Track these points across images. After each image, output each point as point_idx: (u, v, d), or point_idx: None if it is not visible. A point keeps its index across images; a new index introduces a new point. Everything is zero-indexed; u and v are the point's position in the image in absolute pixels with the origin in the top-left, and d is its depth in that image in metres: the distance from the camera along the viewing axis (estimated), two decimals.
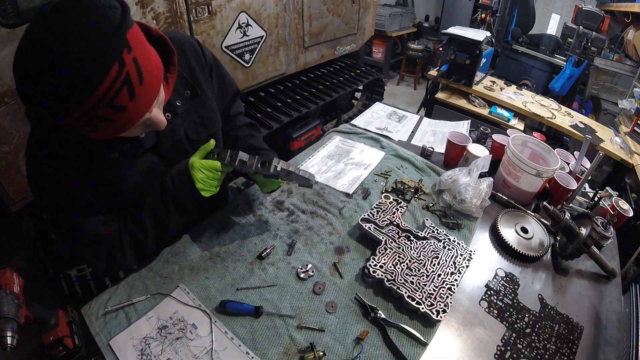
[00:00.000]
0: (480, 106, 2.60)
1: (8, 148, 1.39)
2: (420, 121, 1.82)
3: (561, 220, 1.05)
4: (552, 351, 0.83)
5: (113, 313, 0.83)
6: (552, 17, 5.13)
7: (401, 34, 5.06)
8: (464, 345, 0.83)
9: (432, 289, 0.88)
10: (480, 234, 1.14)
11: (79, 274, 1.61)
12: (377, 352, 0.78)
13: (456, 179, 1.20)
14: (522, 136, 1.36)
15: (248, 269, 0.94)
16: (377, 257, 0.94)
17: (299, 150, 1.40)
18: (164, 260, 0.96)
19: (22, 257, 2.08)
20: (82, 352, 0.76)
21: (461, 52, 2.54)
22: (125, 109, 0.59)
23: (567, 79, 3.79)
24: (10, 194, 1.46)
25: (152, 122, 0.69)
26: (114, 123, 0.60)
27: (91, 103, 0.54)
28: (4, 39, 1.24)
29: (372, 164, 1.39)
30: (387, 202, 1.13)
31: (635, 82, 3.14)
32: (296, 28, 2.47)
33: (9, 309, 0.64)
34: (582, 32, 3.69)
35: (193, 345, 0.77)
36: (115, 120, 0.60)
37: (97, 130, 0.61)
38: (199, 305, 0.85)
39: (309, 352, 0.75)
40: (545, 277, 1.03)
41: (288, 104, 2.53)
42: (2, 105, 1.31)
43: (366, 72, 3.35)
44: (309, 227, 1.09)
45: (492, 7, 4.66)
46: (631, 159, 2.16)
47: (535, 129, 3.10)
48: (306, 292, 0.90)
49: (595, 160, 1.17)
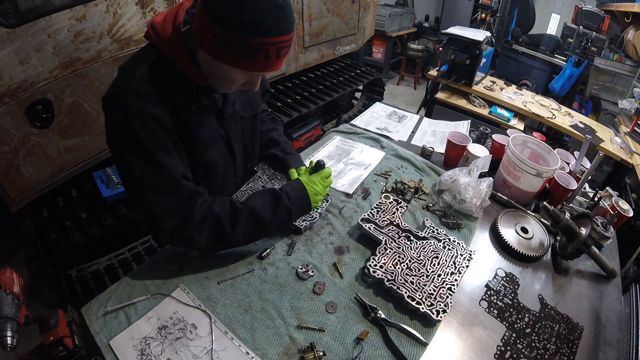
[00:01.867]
0: (480, 106, 2.60)
1: (8, 148, 1.39)
2: (420, 121, 1.82)
3: (561, 220, 1.05)
4: (552, 351, 0.83)
5: (113, 313, 0.83)
6: (552, 17, 5.13)
7: (401, 34, 5.06)
8: (464, 345, 0.83)
9: (432, 289, 0.88)
10: (480, 234, 1.14)
11: (79, 274, 1.61)
12: (377, 352, 0.78)
13: (456, 179, 1.20)
14: (522, 136, 1.36)
15: (248, 268, 0.94)
16: (377, 257, 0.94)
17: (299, 150, 1.40)
18: (164, 260, 0.96)
19: (22, 257, 2.08)
20: (82, 352, 0.75)
21: (461, 52, 2.54)
22: (277, 60, 0.75)
23: (567, 79, 3.79)
24: (10, 194, 1.46)
25: (257, 81, 0.85)
26: (262, 63, 0.74)
27: (279, 40, 0.71)
28: (4, 39, 1.24)
29: (372, 164, 1.39)
30: (387, 202, 1.13)
31: (635, 82, 3.14)
32: (296, 28, 2.47)
33: (9, 309, 0.63)
34: (582, 32, 3.68)
35: (193, 345, 0.77)
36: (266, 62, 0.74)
37: (248, 61, 0.73)
38: (199, 305, 0.85)
39: (309, 352, 0.75)
40: (545, 277, 1.03)
41: (288, 104, 2.53)
42: (2, 105, 1.31)
43: (366, 72, 3.35)
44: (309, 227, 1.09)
45: (492, 7, 4.65)
46: (631, 159, 2.16)
47: (535, 129, 3.10)
48: (306, 292, 0.90)
49: (595, 160, 1.17)
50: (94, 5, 1.43)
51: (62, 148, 1.56)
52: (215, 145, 0.96)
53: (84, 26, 1.43)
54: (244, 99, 1.06)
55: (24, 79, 1.34)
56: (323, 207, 1.11)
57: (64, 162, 1.59)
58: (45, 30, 1.33)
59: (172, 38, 0.78)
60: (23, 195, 1.51)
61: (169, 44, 0.79)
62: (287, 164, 1.17)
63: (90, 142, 1.64)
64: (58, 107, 1.48)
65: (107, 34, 1.51)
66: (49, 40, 1.36)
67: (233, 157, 1.05)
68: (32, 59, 1.33)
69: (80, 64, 1.48)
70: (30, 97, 1.38)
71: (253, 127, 1.12)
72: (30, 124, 1.42)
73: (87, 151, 1.65)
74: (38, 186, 1.55)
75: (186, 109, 0.85)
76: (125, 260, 1.70)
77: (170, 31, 0.78)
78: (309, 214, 1.07)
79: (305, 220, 1.06)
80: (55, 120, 1.49)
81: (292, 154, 1.23)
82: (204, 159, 0.94)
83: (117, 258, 1.69)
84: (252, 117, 1.10)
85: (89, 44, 1.47)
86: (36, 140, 1.46)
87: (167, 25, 0.78)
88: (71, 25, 1.39)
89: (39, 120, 1.43)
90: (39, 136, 1.46)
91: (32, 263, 2.02)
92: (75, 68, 1.47)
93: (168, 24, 0.78)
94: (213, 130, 0.95)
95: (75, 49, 1.44)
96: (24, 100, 1.37)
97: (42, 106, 1.42)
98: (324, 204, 1.12)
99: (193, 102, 0.86)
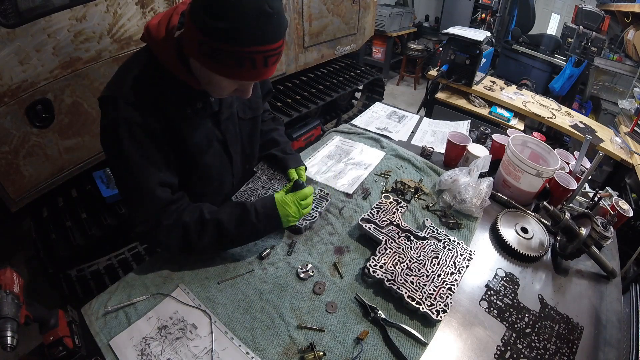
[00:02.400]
0: (480, 106, 2.60)
1: (8, 148, 1.39)
2: (420, 121, 1.82)
3: (561, 220, 1.05)
4: (552, 351, 0.83)
5: (113, 313, 0.83)
6: (552, 17, 5.12)
7: (401, 34, 5.06)
8: (464, 345, 0.83)
9: (432, 289, 0.88)
10: (480, 234, 1.14)
11: (79, 274, 1.61)
12: (377, 352, 0.78)
13: (456, 179, 1.20)
14: (522, 136, 1.36)
15: (248, 268, 0.94)
16: (377, 257, 0.94)
17: (299, 150, 1.40)
18: (164, 260, 0.96)
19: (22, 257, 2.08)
20: (82, 352, 0.75)
21: (461, 52, 2.54)
22: (265, 69, 0.73)
23: (567, 79, 3.79)
24: (10, 194, 1.46)
25: (248, 88, 0.83)
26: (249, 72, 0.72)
27: (265, 48, 0.69)
28: (4, 39, 1.24)
29: (372, 164, 1.39)
30: (387, 202, 1.13)
31: (635, 82, 3.14)
32: (296, 28, 2.48)
33: (9, 309, 0.63)
34: (582, 32, 3.68)
35: (193, 345, 0.77)
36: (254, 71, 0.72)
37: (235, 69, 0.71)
38: (199, 305, 0.85)
39: (309, 352, 0.75)
40: (545, 277, 1.03)
41: (288, 104, 2.53)
42: (2, 105, 1.31)
43: (366, 72, 3.35)
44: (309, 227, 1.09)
45: (492, 7, 4.65)
46: (631, 159, 2.16)
47: (535, 129, 3.10)
48: (306, 292, 0.90)
49: (595, 160, 1.17)
50: (94, 5, 1.43)
51: (62, 148, 1.56)
52: (210, 149, 0.96)
53: (84, 26, 1.43)
54: (243, 100, 1.05)
55: (24, 79, 1.34)
56: (323, 206, 1.11)
57: (64, 162, 1.59)
58: (45, 30, 1.33)
59: (165, 42, 0.78)
60: (23, 195, 1.51)
61: (162, 48, 0.79)
62: (287, 164, 1.17)
63: (90, 142, 1.64)
64: (58, 107, 1.48)
65: (107, 34, 1.51)
66: (49, 40, 1.36)
67: (230, 159, 1.05)
68: (32, 59, 1.33)
69: (80, 64, 1.48)
70: (30, 97, 1.38)
71: (252, 128, 1.12)
72: (30, 124, 1.42)
73: (87, 151, 1.65)
74: (38, 186, 1.55)
75: (179, 113, 0.85)
76: (125, 260, 1.70)
77: (164, 34, 0.78)
78: (309, 214, 1.07)
79: (305, 220, 1.06)
80: (55, 120, 1.49)
81: (291, 154, 1.23)
82: (198, 162, 0.94)
83: (117, 258, 1.69)
84: (251, 119, 1.09)
85: (89, 44, 1.47)
86: (36, 140, 1.46)
87: (161, 28, 0.78)
88: (71, 25, 1.39)
89: (39, 120, 1.43)
90: (39, 136, 1.46)
91: (32, 263, 2.02)
92: (75, 68, 1.47)
93: (162, 27, 0.78)
94: (208, 133, 0.94)
95: (75, 49, 1.44)
96: (24, 100, 1.37)
97: (42, 106, 1.42)
98: (324, 203, 1.12)
99: (187, 106, 0.86)
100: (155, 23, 0.80)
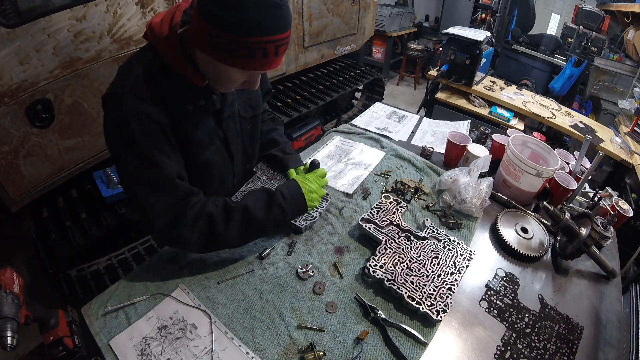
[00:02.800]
0: (480, 106, 2.60)
1: (8, 148, 1.39)
2: (420, 121, 1.82)
3: (561, 220, 1.05)
4: (552, 351, 0.83)
5: (113, 313, 0.83)
6: (552, 17, 5.12)
7: (401, 34, 5.06)
8: (464, 345, 0.83)
9: (432, 289, 0.88)
10: (480, 234, 1.14)
11: (79, 274, 1.61)
12: (377, 352, 0.78)
13: (456, 179, 1.20)
14: (522, 136, 1.36)
15: (248, 268, 0.94)
16: (377, 257, 0.94)
17: (299, 150, 1.40)
18: (164, 260, 0.96)
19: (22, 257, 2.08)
20: (82, 352, 0.75)
21: (461, 52, 2.54)
22: (276, 58, 0.75)
23: (567, 79, 3.79)
24: (10, 194, 1.46)
25: (257, 79, 0.84)
26: (260, 62, 0.73)
27: (276, 38, 0.71)
28: (4, 39, 1.24)
29: (372, 164, 1.39)
30: (387, 202, 1.13)
31: (635, 82, 3.14)
32: (296, 28, 2.47)
33: (9, 309, 0.63)
34: (582, 32, 3.68)
35: (193, 345, 0.77)
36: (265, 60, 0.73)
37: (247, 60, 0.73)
38: (199, 305, 0.85)
39: (309, 352, 0.75)
40: (545, 277, 1.03)
41: (288, 104, 2.53)
42: (2, 105, 1.32)
43: (366, 72, 3.35)
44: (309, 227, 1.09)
45: (492, 7, 4.65)
46: (631, 159, 2.16)
47: (535, 129, 3.10)
48: (306, 292, 0.90)
49: (595, 160, 1.17)
50: (94, 5, 1.43)
51: (62, 148, 1.56)
52: (212, 146, 0.96)
53: (84, 26, 1.43)
54: (244, 99, 1.06)
55: (24, 79, 1.34)
56: (323, 206, 1.11)
57: (64, 162, 1.59)
58: (45, 30, 1.33)
59: (168, 39, 0.78)
60: (23, 195, 1.51)
61: (165, 45, 0.79)
62: (286, 164, 1.17)
63: (90, 142, 1.64)
64: (58, 107, 1.48)
65: (107, 34, 1.51)
66: (49, 40, 1.36)
67: (231, 157, 1.05)
68: (32, 59, 1.34)
69: (80, 64, 1.48)
70: (30, 97, 1.38)
71: (253, 127, 1.12)
72: (30, 124, 1.42)
73: (87, 151, 1.65)
74: (38, 186, 1.55)
75: (182, 110, 0.86)
76: (125, 260, 1.70)
77: (167, 32, 0.78)
78: (309, 214, 1.07)
79: (306, 220, 1.06)
80: (55, 120, 1.49)
81: (291, 154, 1.22)
82: (199, 159, 0.94)
83: (117, 258, 1.69)
84: (252, 118, 1.10)
85: (89, 44, 1.48)
86: (36, 140, 1.46)
87: (164, 26, 0.78)
88: (71, 25, 1.39)
89: (39, 120, 1.43)
90: (39, 136, 1.46)
91: (32, 263, 2.02)
92: (75, 68, 1.47)
93: (165, 24, 0.78)
94: (210, 131, 0.94)
95: (75, 49, 1.44)
96: (24, 100, 1.37)
97: (42, 106, 1.42)
98: (324, 203, 1.12)
99: (189, 103, 0.86)
100: (158, 21, 0.80)
